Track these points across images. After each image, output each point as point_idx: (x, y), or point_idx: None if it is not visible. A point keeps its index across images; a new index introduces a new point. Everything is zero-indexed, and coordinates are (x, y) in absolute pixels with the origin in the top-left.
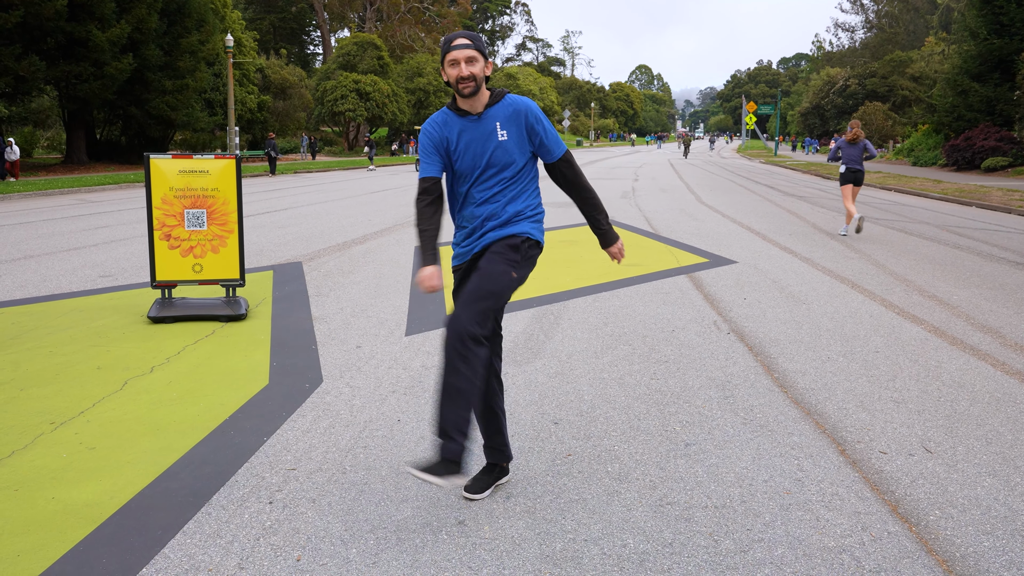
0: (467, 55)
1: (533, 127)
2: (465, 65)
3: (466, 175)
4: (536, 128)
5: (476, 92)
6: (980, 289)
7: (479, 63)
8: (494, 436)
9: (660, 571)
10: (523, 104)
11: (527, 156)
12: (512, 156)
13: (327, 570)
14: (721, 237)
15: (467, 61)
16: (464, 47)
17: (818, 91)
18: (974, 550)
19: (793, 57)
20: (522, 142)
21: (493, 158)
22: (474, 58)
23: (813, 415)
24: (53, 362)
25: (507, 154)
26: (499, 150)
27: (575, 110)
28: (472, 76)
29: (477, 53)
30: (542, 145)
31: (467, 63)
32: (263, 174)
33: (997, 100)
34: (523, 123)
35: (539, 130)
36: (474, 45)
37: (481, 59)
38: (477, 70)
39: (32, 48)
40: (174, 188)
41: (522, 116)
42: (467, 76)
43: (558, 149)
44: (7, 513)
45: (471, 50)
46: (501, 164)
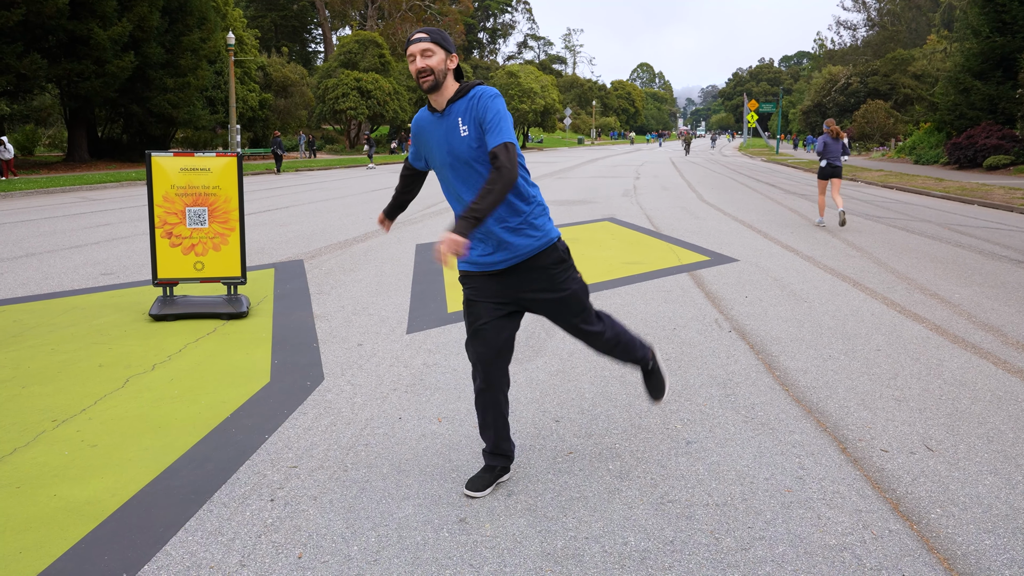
0: (422, 48)
1: (481, 113)
2: (420, 58)
3: (438, 171)
4: (483, 114)
5: (437, 87)
6: (982, 287)
7: (436, 55)
8: (502, 443)
9: (661, 569)
10: (478, 92)
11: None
12: (469, 152)
13: (328, 567)
14: (722, 235)
15: (422, 54)
16: (419, 40)
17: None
18: (975, 548)
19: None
20: (479, 134)
21: (458, 154)
22: (429, 50)
23: (814, 413)
24: (55, 360)
25: (470, 149)
26: (462, 146)
27: (577, 108)
28: (428, 68)
29: (433, 45)
30: (484, 131)
31: (422, 56)
32: (267, 172)
33: (999, 98)
34: (473, 113)
35: (485, 114)
36: (430, 38)
37: (439, 51)
38: (434, 62)
39: (34, 46)
40: (175, 186)
41: (472, 105)
42: (423, 68)
43: (495, 139)
44: (9, 510)
45: (426, 43)
46: (468, 159)
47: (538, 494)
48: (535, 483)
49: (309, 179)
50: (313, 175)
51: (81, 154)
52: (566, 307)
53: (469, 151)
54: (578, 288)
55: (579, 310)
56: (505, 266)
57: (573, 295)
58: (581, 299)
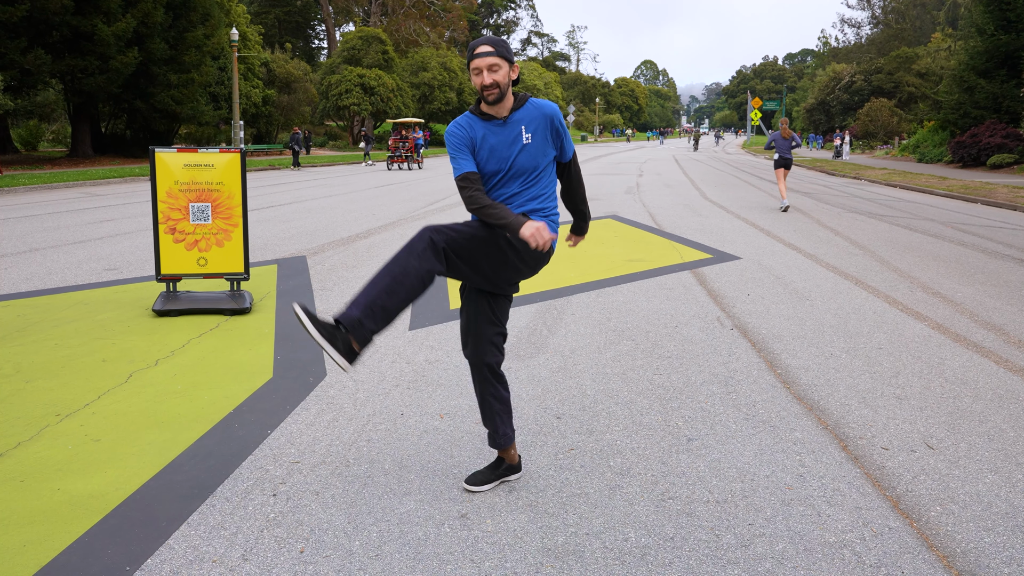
0: (489, 63)
1: (558, 130)
2: (488, 73)
3: (488, 177)
4: (561, 131)
5: (501, 98)
6: (984, 286)
7: (502, 69)
8: (486, 421)
9: (661, 565)
10: (549, 108)
11: (548, 159)
12: (535, 160)
13: (330, 562)
14: (725, 233)
15: (489, 69)
16: (486, 55)
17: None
18: (975, 546)
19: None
20: (546, 145)
21: (517, 161)
22: (496, 65)
23: (815, 411)
24: (58, 355)
25: (531, 158)
26: (523, 153)
27: (580, 105)
28: (495, 83)
29: (499, 60)
30: (563, 146)
31: (489, 71)
32: (277, 167)
33: (1003, 97)
34: (549, 126)
35: (563, 132)
36: (496, 52)
37: (504, 65)
38: (500, 77)
39: (38, 41)
40: (179, 182)
41: (548, 120)
42: (490, 84)
43: (571, 149)
44: (13, 504)
45: (493, 57)
46: (525, 167)
47: (539, 490)
48: (536, 479)
49: (312, 175)
50: (316, 171)
51: (85, 149)
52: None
53: (530, 159)
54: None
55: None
56: None
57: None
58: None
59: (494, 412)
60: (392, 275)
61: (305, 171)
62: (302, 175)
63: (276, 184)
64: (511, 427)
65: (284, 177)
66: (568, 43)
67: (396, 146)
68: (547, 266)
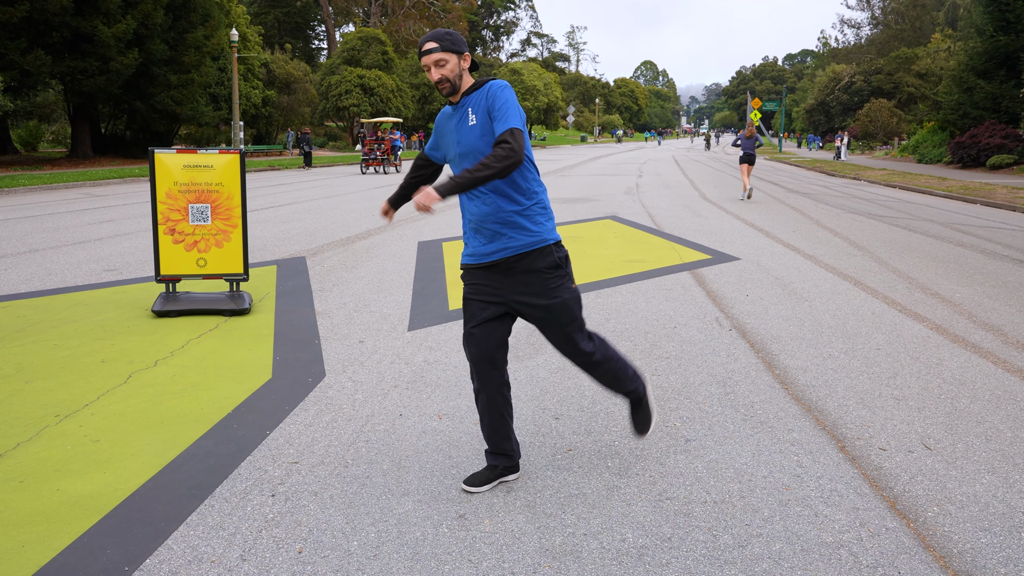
0: (435, 59)
1: (491, 104)
2: (435, 69)
3: (455, 164)
4: (493, 103)
5: (455, 91)
6: (983, 287)
7: (450, 62)
8: (502, 443)
9: (659, 565)
10: (489, 85)
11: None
12: (480, 140)
13: (328, 562)
14: (724, 233)
15: (436, 64)
16: (431, 51)
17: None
18: (972, 546)
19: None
20: (487, 124)
21: (466, 143)
22: (442, 60)
23: (813, 412)
24: (58, 355)
25: (475, 138)
26: (469, 135)
27: (580, 106)
28: (443, 78)
29: (445, 54)
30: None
31: (436, 67)
32: (277, 168)
33: (1003, 97)
34: (484, 104)
35: (494, 105)
36: (441, 47)
37: (452, 57)
38: (447, 71)
39: (38, 42)
40: (179, 183)
41: (483, 97)
42: (439, 79)
43: (502, 124)
44: (12, 504)
45: (438, 53)
46: (472, 148)
47: (537, 491)
48: (534, 480)
49: (312, 176)
50: (316, 172)
51: (84, 150)
52: (555, 316)
53: (476, 140)
54: (570, 298)
55: (567, 321)
56: (497, 258)
57: (563, 304)
58: (572, 310)
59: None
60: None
61: (305, 171)
62: (301, 176)
63: (275, 185)
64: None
65: (283, 178)
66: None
67: (371, 148)
68: None
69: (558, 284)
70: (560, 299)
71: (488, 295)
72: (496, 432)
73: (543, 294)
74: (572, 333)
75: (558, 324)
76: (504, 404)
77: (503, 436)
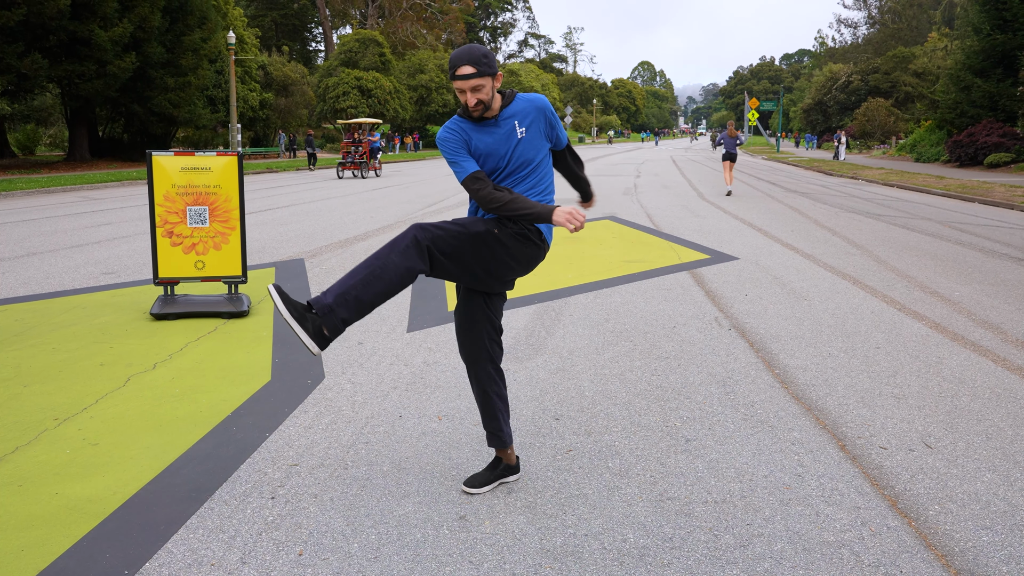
0: (472, 84)
1: (550, 120)
2: (471, 94)
3: (497, 175)
4: (553, 121)
5: (487, 109)
6: (982, 285)
7: (485, 87)
8: (490, 421)
9: (660, 566)
10: (539, 100)
11: (544, 151)
12: (531, 153)
13: (329, 565)
14: (723, 233)
15: (472, 90)
16: (467, 77)
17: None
18: (973, 545)
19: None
20: (540, 137)
21: (514, 156)
22: (479, 86)
23: (814, 411)
24: (56, 359)
25: (527, 151)
26: (519, 147)
27: (577, 107)
28: (479, 102)
29: (481, 80)
30: (557, 136)
31: (472, 92)
32: (275, 170)
33: (1000, 96)
34: (542, 118)
35: (555, 122)
36: (478, 72)
37: (488, 82)
38: (483, 95)
39: (35, 46)
40: (176, 185)
41: (540, 112)
42: (475, 104)
43: (565, 137)
44: (11, 508)
45: (475, 79)
46: (522, 161)
47: (537, 491)
48: (535, 481)
49: (310, 178)
50: (314, 174)
51: (82, 153)
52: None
53: (525, 152)
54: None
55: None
56: None
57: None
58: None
59: (497, 411)
60: (371, 268)
61: (304, 173)
62: (299, 178)
63: (273, 187)
64: (510, 426)
65: (281, 180)
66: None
67: (347, 151)
68: (545, 267)
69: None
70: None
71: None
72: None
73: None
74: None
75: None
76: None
77: (489, 415)
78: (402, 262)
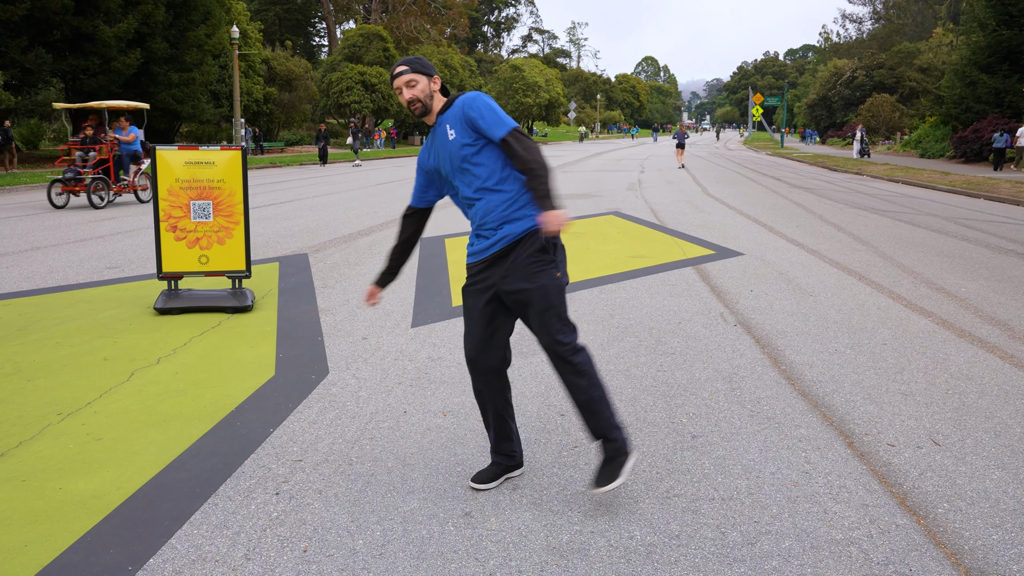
0: (406, 80)
1: (469, 116)
2: (407, 89)
3: (447, 177)
4: (471, 115)
5: (427, 111)
6: (988, 281)
7: (419, 83)
8: (503, 443)
9: (667, 563)
10: (464, 98)
11: (477, 147)
12: (463, 151)
13: (333, 561)
14: (727, 229)
15: (407, 85)
16: (401, 73)
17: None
18: (983, 543)
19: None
20: (467, 134)
21: (452, 156)
22: (413, 81)
23: (820, 407)
24: (60, 353)
25: (459, 149)
26: (452, 148)
27: (581, 102)
28: (415, 98)
29: (415, 75)
30: (482, 130)
31: (407, 87)
32: (279, 165)
33: (1006, 92)
34: (461, 116)
35: (474, 116)
36: (412, 69)
37: (422, 78)
38: (418, 91)
39: (38, 40)
40: (180, 179)
41: (460, 110)
42: (410, 99)
43: (500, 129)
44: (14, 503)
45: (408, 74)
46: (460, 159)
47: (543, 488)
48: (540, 477)
49: (313, 173)
50: (317, 169)
51: None
52: (533, 300)
53: (459, 150)
54: (550, 284)
55: (544, 307)
56: (496, 249)
57: (542, 289)
58: (550, 295)
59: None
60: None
61: (309, 168)
62: (303, 172)
63: (277, 182)
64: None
65: (285, 175)
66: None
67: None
68: None
69: (540, 269)
70: (539, 284)
71: (484, 289)
72: (497, 433)
73: (526, 278)
74: (549, 319)
75: (536, 308)
76: (504, 406)
77: (503, 436)
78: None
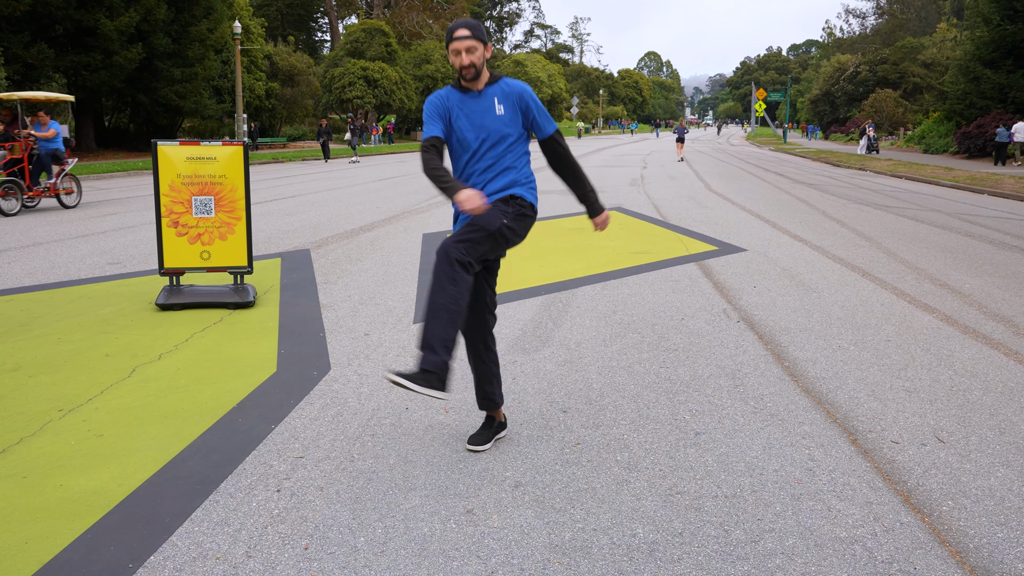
0: (467, 45)
1: (528, 105)
2: (466, 55)
3: (467, 146)
4: (531, 106)
5: (477, 76)
6: (992, 277)
7: (478, 51)
8: (484, 386)
9: (670, 561)
10: (519, 86)
11: (519, 131)
12: (507, 129)
13: (335, 559)
14: (730, 225)
15: (467, 51)
16: (463, 38)
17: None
18: (988, 541)
19: (803, 44)
20: (516, 118)
21: (492, 131)
22: (473, 47)
23: (824, 404)
24: (61, 349)
25: (503, 127)
26: (496, 123)
27: (584, 97)
28: (472, 64)
29: (476, 42)
30: (535, 122)
31: (467, 52)
32: (281, 160)
33: (1010, 87)
34: (517, 102)
35: (532, 106)
36: (473, 35)
37: (480, 46)
38: (476, 58)
39: (41, 36)
40: (182, 175)
41: (516, 95)
42: (467, 64)
43: (549, 127)
44: (15, 500)
45: (470, 40)
46: (497, 136)
47: (545, 485)
48: (542, 474)
49: (315, 168)
50: (320, 164)
51: (88, 143)
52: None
53: (503, 127)
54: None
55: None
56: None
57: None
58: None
59: (492, 378)
60: (448, 310)
61: (311, 164)
62: (304, 168)
63: (279, 177)
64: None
65: (287, 170)
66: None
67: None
68: (552, 258)
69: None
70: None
71: None
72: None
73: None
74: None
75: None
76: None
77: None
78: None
